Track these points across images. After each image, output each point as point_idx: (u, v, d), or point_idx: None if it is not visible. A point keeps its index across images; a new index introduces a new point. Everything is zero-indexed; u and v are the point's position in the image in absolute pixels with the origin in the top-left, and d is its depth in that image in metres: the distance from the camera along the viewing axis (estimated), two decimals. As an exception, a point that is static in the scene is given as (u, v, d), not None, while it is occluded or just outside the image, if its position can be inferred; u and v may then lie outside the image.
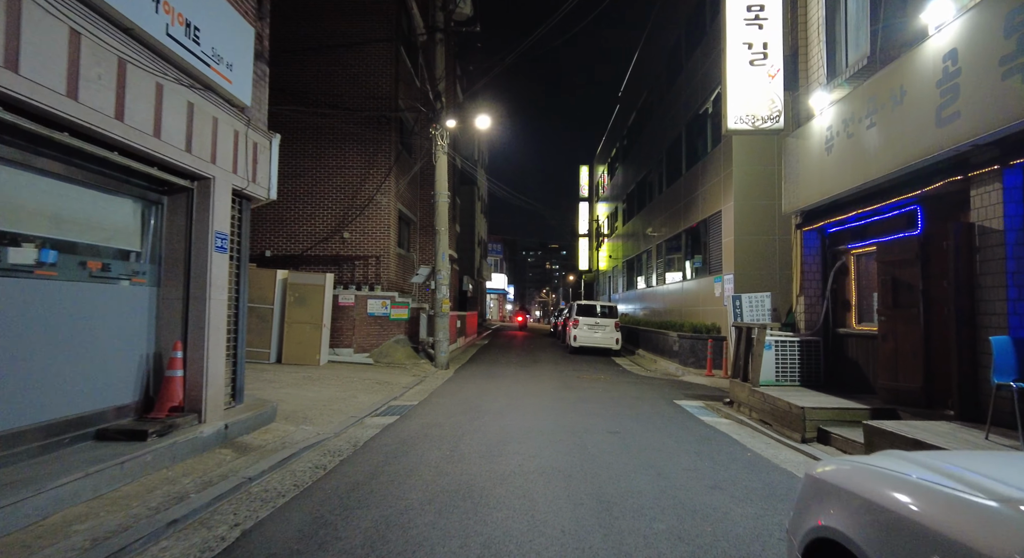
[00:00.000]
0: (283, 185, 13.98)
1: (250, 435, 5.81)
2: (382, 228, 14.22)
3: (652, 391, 10.16)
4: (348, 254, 14.20)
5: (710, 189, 13.84)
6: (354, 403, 8.22)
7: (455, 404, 8.39)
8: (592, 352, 17.74)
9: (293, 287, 12.25)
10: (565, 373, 12.59)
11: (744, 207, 12.22)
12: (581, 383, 10.95)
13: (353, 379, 10.53)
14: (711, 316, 13.54)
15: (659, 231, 19.10)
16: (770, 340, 7.58)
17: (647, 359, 16.09)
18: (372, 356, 13.23)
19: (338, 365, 12.40)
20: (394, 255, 14.76)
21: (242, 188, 5.80)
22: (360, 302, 13.23)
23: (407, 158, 15.42)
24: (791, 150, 7.98)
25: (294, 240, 14.24)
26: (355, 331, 13.14)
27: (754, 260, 12.15)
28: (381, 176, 14.20)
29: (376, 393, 9.26)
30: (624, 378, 12.05)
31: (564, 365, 14.32)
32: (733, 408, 8.07)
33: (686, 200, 15.93)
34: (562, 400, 8.83)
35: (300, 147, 14.25)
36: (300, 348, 12.20)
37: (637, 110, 24.08)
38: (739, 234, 12.21)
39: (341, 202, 14.23)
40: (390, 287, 14.42)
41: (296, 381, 9.86)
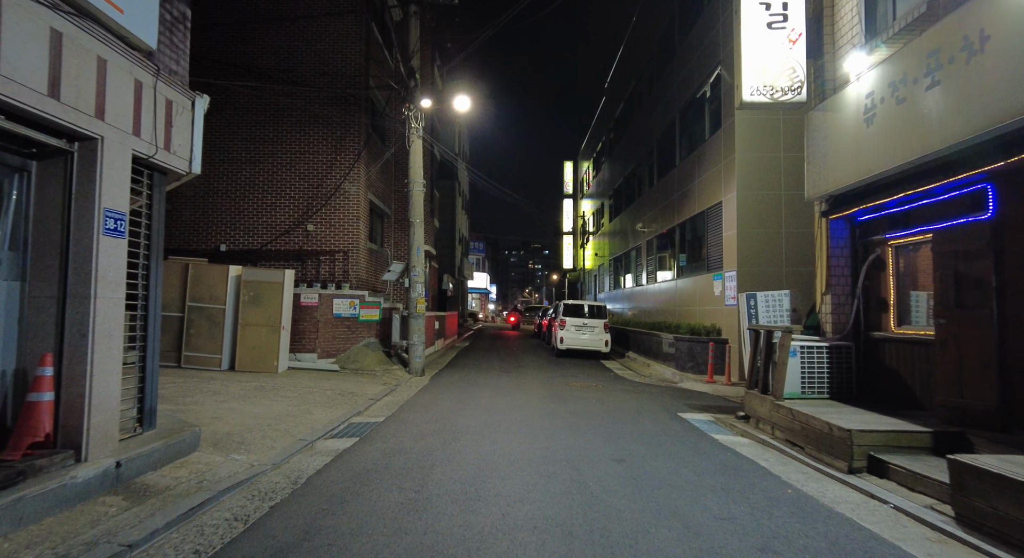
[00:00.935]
0: (240, 172, 12.64)
1: (158, 472, 4.52)
2: (350, 220, 12.90)
3: (652, 402, 9.05)
4: (313, 249, 12.85)
5: (709, 179, 12.81)
6: (307, 421, 6.94)
7: (427, 421, 7.17)
8: (580, 355, 16.63)
9: (247, 285, 10.89)
10: (553, 380, 11.43)
11: (748, 197, 11.19)
12: (572, 392, 9.80)
13: (313, 389, 9.23)
14: (710, 316, 12.51)
15: (650, 226, 18.07)
16: (795, 346, 6.50)
17: (639, 363, 15.02)
18: (338, 362, 11.92)
19: (299, 372, 11.07)
20: (364, 250, 13.45)
21: (148, 155, 4.51)
22: (325, 302, 11.91)
23: (378, 143, 14.12)
24: (816, 126, 6.91)
25: (253, 233, 12.85)
26: (319, 334, 11.81)
27: (759, 256, 11.13)
28: (349, 162, 12.88)
29: (336, 407, 7.99)
30: (618, 385, 10.93)
31: (551, 370, 13.16)
32: (750, 424, 6.98)
33: (680, 192, 14.90)
34: (552, 415, 7.65)
35: (259, 131, 12.87)
36: (255, 353, 10.84)
37: (625, 100, 23.05)
38: (743, 227, 11.17)
39: (305, 191, 12.88)
40: (360, 285, 13.11)
41: (245, 392, 8.53)
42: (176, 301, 10.85)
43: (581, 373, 12.71)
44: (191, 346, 10.75)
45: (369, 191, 13.80)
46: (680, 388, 10.80)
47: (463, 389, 10.02)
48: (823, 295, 7.06)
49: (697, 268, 13.77)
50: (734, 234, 11.30)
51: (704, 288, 12.99)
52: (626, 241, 22.07)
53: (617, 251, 24.02)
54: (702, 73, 13.29)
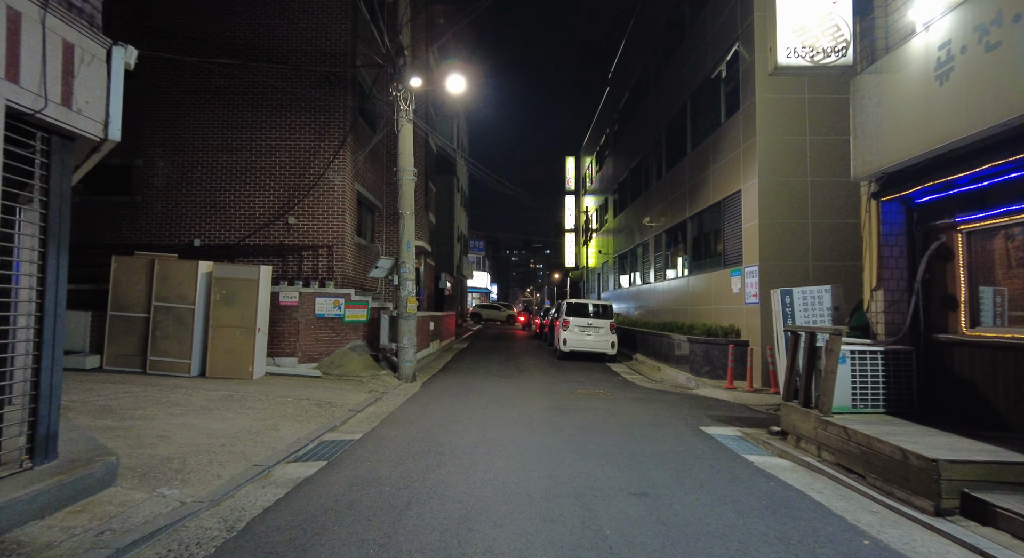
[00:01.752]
0: (216, 161, 11.64)
1: (45, 520, 3.50)
2: (335, 212, 11.88)
3: (668, 412, 8.02)
4: (294, 243, 11.84)
5: (725, 166, 11.77)
6: (270, 439, 5.93)
7: (411, 438, 6.15)
8: (584, 357, 15.60)
9: (219, 283, 9.88)
10: (556, 386, 10.40)
11: (771, 185, 10.15)
12: (577, 401, 8.77)
13: (287, 399, 8.22)
14: (727, 316, 11.47)
15: (658, 221, 17.03)
16: (844, 351, 5.46)
17: (648, 366, 13.98)
18: (321, 367, 10.90)
19: (276, 379, 10.05)
20: (351, 245, 12.43)
21: (35, 110, 3.49)
22: (306, 301, 10.89)
23: (366, 130, 13.10)
24: (866, 92, 5.87)
25: (229, 227, 11.83)
26: (300, 336, 10.80)
27: (784, 249, 10.09)
28: (334, 150, 11.86)
29: (309, 421, 6.97)
30: (628, 392, 9.90)
31: (554, 374, 12.13)
32: (788, 442, 5.94)
33: (692, 183, 13.86)
34: (556, 430, 6.62)
35: (236, 116, 11.85)
36: (228, 358, 9.83)
37: (630, 90, 22.01)
38: (765, 218, 10.13)
39: (286, 182, 11.87)
40: (346, 283, 12.09)
41: (209, 403, 7.52)
42: (141, 301, 9.85)
43: (586, 378, 11.68)
44: (157, 350, 9.74)
45: (356, 181, 12.79)
46: (697, 396, 9.77)
47: (457, 397, 9.00)
48: (873, 291, 6.02)
49: (711, 264, 12.73)
50: (755, 225, 10.26)
51: (720, 285, 11.96)
52: (631, 237, 21.03)
53: (622, 248, 22.99)
54: (717, 51, 12.25)
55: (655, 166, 17.67)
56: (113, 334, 9.84)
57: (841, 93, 9.98)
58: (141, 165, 11.79)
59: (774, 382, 9.67)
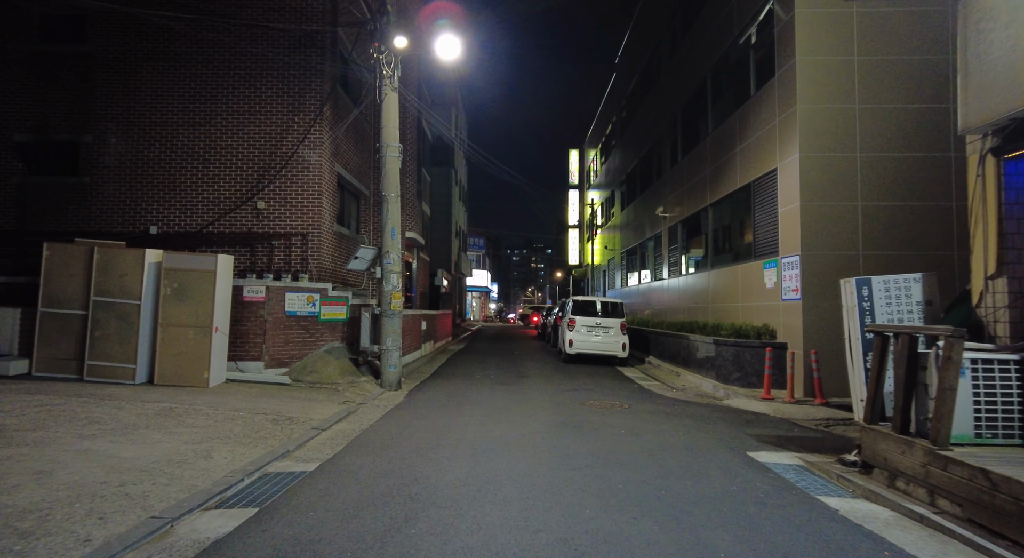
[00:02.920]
0: (176, 138, 10.22)
1: None
2: (310, 195, 10.44)
3: (701, 430, 6.57)
4: (264, 231, 10.40)
5: (756, 144, 10.31)
6: (194, 473, 4.49)
7: (379, 472, 4.70)
8: (592, 360, 14.15)
9: (170, 274, 8.45)
10: (563, 395, 8.94)
11: (815, 161, 8.70)
12: (590, 416, 7.31)
13: (240, 413, 6.78)
14: (759, 314, 10.01)
15: (672, 211, 15.56)
16: (964, 360, 4.00)
17: (665, 371, 12.52)
18: (291, 372, 9.46)
19: (237, 387, 8.62)
20: (329, 234, 10.99)
21: None
22: (274, 296, 9.45)
23: (348, 103, 11.64)
24: (987, 10, 4.41)
25: (191, 212, 10.39)
26: (267, 337, 9.35)
27: (829, 236, 8.64)
28: (309, 123, 10.42)
29: (256, 443, 5.54)
30: (648, 403, 8.44)
31: (560, 381, 10.67)
32: (873, 479, 4.49)
33: (714, 166, 12.40)
34: (567, 459, 5.17)
35: (199, 86, 10.41)
36: (180, 362, 8.40)
37: (640, 71, 20.54)
38: (808, 199, 8.67)
39: (256, 161, 10.43)
40: (323, 277, 10.65)
41: (137, 421, 6.08)
42: (78, 296, 8.43)
43: (597, 385, 10.22)
44: (97, 353, 8.31)
45: (337, 162, 11.34)
46: (729, 408, 8.31)
47: (446, 410, 7.56)
48: (989, 279, 4.56)
49: (738, 256, 11.27)
50: (795, 209, 8.80)
51: (749, 280, 10.49)
52: (641, 231, 19.57)
53: (630, 243, 21.53)
54: (745, 14, 10.79)
55: (669, 151, 16.20)
56: (45, 334, 8.41)
57: (898, 53, 8.52)
58: (90, 142, 10.35)
59: (819, 392, 8.22)
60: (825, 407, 8.09)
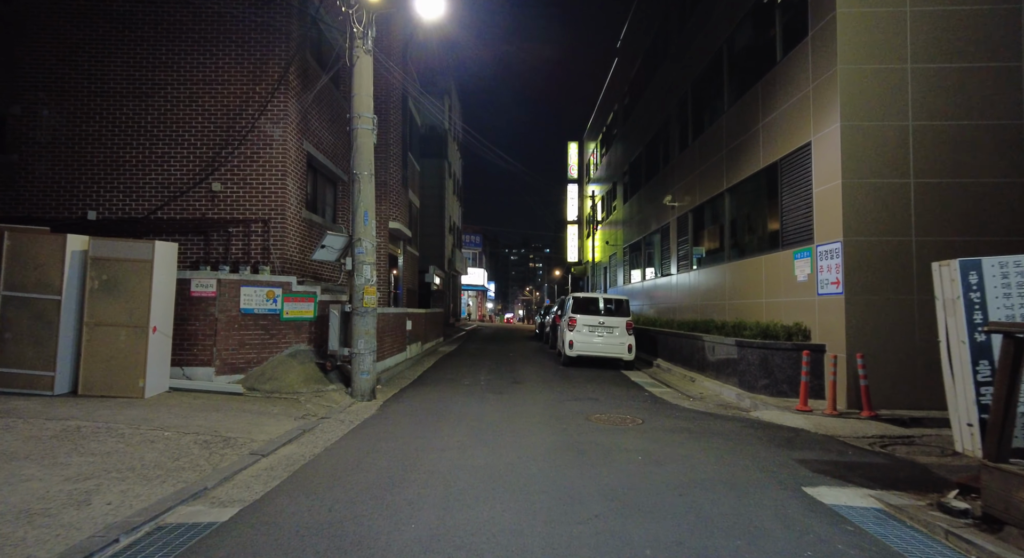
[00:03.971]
0: (120, 110, 8.92)
1: None
2: (273, 176, 9.12)
3: (739, 455, 5.26)
4: (220, 217, 9.07)
5: (784, 116, 9.02)
6: (48, 531, 3.20)
7: (311, 527, 3.40)
8: (595, 363, 12.85)
9: (99, 264, 7.13)
10: (563, 406, 7.64)
11: (859, 131, 7.41)
12: (597, 435, 6.00)
13: (165, 433, 5.47)
14: (788, 312, 8.72)
15: (682, 199, 14.27)
16: None
17: (677, 375, 11.22)
18: (247, 380, 8.14)
19: (180, 397, 7.30)
20: (296, 220, 9.67)
21: None
22: (227, 291, 8.12)
23: (317, 71, 10.29)
24: None
25: (137, 195, 9.07)
26: (218, 339, 8.03)
27: (876, 218, 7.34)
28: (271, 93, 9.10)
29: (165, 479, 4.23)
30: (664, 417, 7.13)
31: (559, 387, 9.36)
32: (1009, 540, 3.19)
33: (733, 146, 11.11)
34: (573, 505, 3.86)
35: (147, 51, 9.09)
36: (111, 368, 7.08)
37: (644, 53, 19.24)
38: (851, 176, 7.38)
39: (212, 137, 9.11)
40: (289, 269, 9.34)
41: (25, 446, 4.77)
42: (-12, 289, 7.09)
43: (602, 393, 8.92)
44: (6, 359, 6.97)
45: (306, 140, 10.02)
46: (759, 421, 7.01)
47: (424, 427, 6.24)
48: None
49: (762, 246, 9.98)
50: (835, 188, 7.51)
51: (776, 272, 9.20)
52: (645, 224, 18.28)
53: (633, 237, 20.23)
54: (770, -29, 9.49)
55: (678, 135, 14.90)
56: (-54, 336, 7.08)
57: (959, 2, 7.22)
58: (19, 114, 9.02)
59: (866, 403, 6.92)
60: (875, 421, 6.80)
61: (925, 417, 6.81)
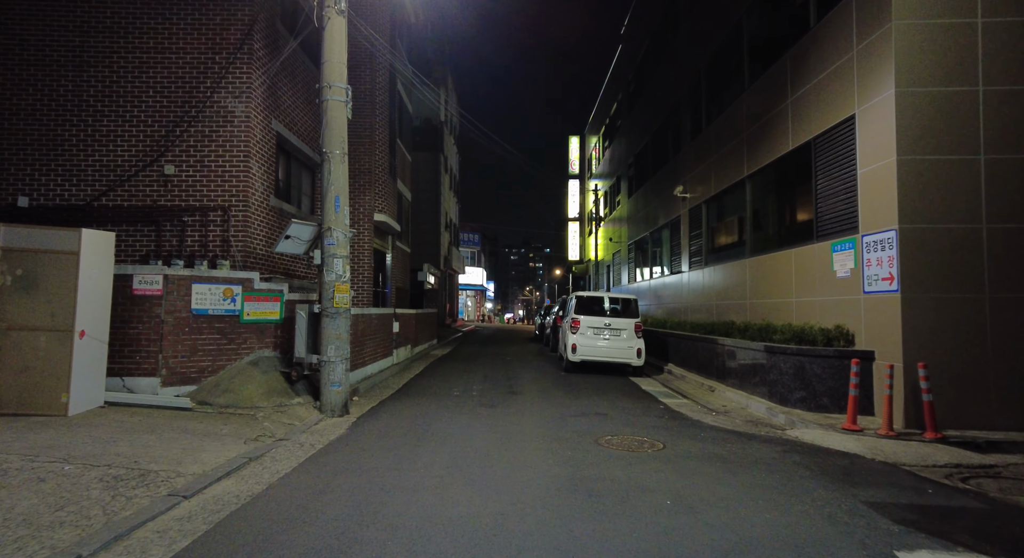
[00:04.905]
0: (59, 82, 7.82)
1: None
2: (235, 157, 7.98)
3: (793, 497, 4.11)
4: (174, 204, 7.94)
5: (820, 89, 7.89)
6: None
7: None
8: (600, 369, 11.71)
9: (10, 256, 6.00)
10: (566, 425, 6.48)
11: (918, 99, 6.27)
12: (610, 466, 4.85)
13: (67, 466, 4.33)
14: (826, 312, 7.58)
15: (694, 190, 13.12)
16: None
17: (692, 383, 10.07)
18: (199, 392, 6.99)
19: (114, 414, 6.16)
20: (262, 209, 8.53)
21: None
22: (176, 289, 6.98)
23: (286, 39, 9.11)
24: None
25: (77, 179, 7.93)
26: (165, 344, 6.88)
27: (941, 202, 6.20)
28: (230, 61, 7.95)
29: (27, 543, 3.07)
30: (688, 438, 5.97)
31: (562, 399, 8.22)
32: None
33: (754, 128, 9.97)
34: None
35: (89, 14, 7.95)
36: (26, 380, 5.95)
37: (652, 35, 18.10)
38: (908, 152, 6.24)
39: (165, 112, 7.97)
40: (253, 263, 8.21)
41: None
42: None
43: (611, 405, 7.77)
44: (-97, 369, 5.84)
45: (276, 118, 8.88)
46: (801, 443, 5.85)
47: (398, 454, 5.09)
48: None
49: (791, 238, 8.84)
50: (889, 166, 6.37)
51: (808, 267, 8.06)
52: (652, 218, 17.13)
53: (639, 233, 19.09)
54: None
55: (689, 121, 13.75)
56: None
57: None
58: (-58, 86, 7.88)
59: (930, 422, 5.78)
60: (943, 445, 5.65)
61: (1004, 440, 5.67)
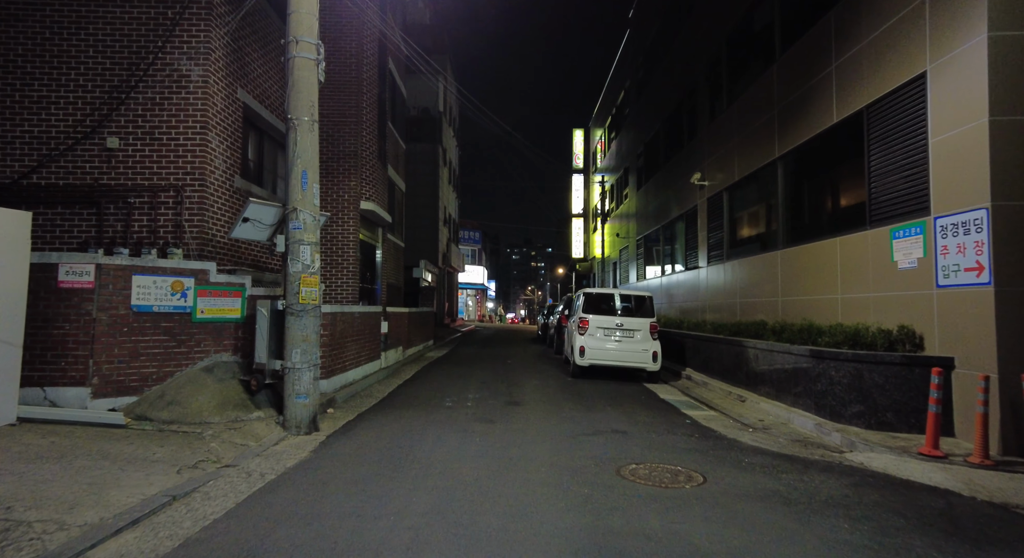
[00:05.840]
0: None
1: None
2: (190, 129, 6.84)
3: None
4: (118, 182, 6.80)
5: (872, 48, 6.72)
6: None
7: None
8: (610, 373, 10.56)
9: None
10: (581, 449, 5.31)
11: (1015, 43, 5.09)
12: (640, 512, 3.67)
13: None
14: (883, 311, 6.41)
15: (713, 177, 11.95)
16: None
17: (716, 391, 8.89)
18: (138, 405, 5.84)
19: (25, 432, 5.02)
20: (223, 189, 7.38)
21: None
22: (112, 281, 5.84)
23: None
24: None
25: (3, 154, 6.80)
26: (98, 347, 5.74)
27: (1043, 173, 5.01)
28: (181, 14, 6.80)
29: None
30: (735, 469, 4.79)
31: (571, 413, 7.05)
32: None
33: (788, 102, 8.81)
34: None
35: (21, -38, 6.81)
36: (-85, 393, 4.80)
37: (663, 14, 16.91)
38: (1007, 110, 5.07)
39: (106, 76, 6.83)
40: (212, 253, 7.06)
41: None
42: None
43: (629, 420, 6.60)
44: None
45: (242, 86, 7.73)
46: (872, 472, 4.68)
47: (365, 490, 3.93)
48: None
49: (836, 224, 7.68)
50: (979, 129, 5.20)
51: (860, 258, 6.89)
52: (665, 210, 15.96)
53: (649, 227, 17.91)
54: None
55: (708, 102, 12.58)
56: None
57: None
58: None
59: (1034, 446, 4.58)
60: (1057, 477, 4.47)
61: None
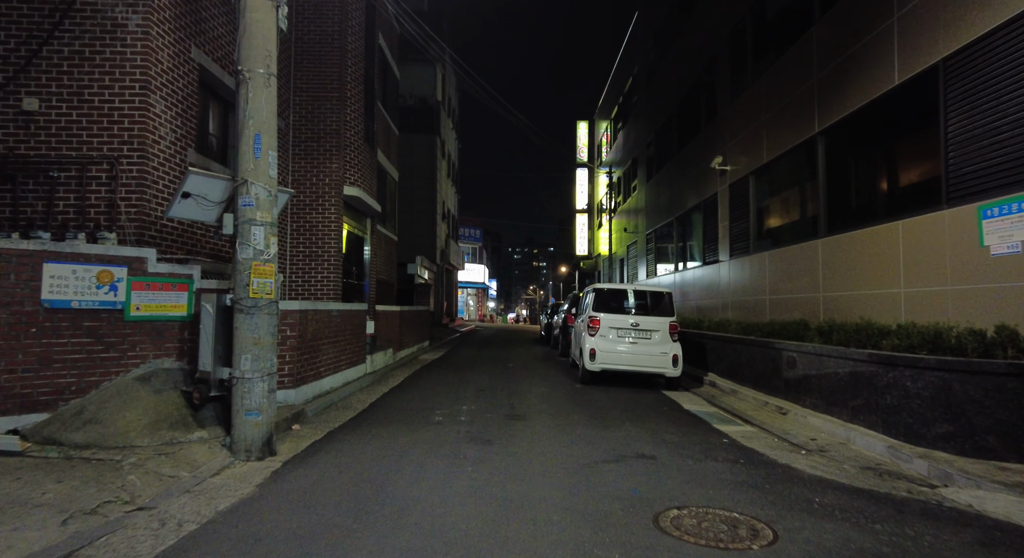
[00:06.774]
0: None
1: None
2: (126, 89, 5.72)
3: None
4: (38, 152, 5.67)
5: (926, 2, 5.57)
6: None
7: None
8: (624, 379, 9.42)
9: None
10: (601, 484, 4.17)
11: None
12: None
13: None
14: (964, 307, 5.27)
15: (736, 161, 10.80)
16: None
17: (748, 401, 7.74)
18: (49, 424, 4.72)
19: None
20: (170, 163, 6.25)
21: None
22: (16, 270, 4.72)
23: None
24: None
25: (-92, 121, 5.68)
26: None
27: None
28: (115, -49, 5.68)
29: None
30: (807, 514, 3.65)
31: (584, 430, 5.91)
32: None
33: (831, 67, 7.68)
34: None
35: None
36: None
37: (677, -9, 15.79)
38: None
39: (21, 23, 5.71)
40: (155, 239, 5.93)
41: None
42: None
43: (655, 439, 5.45)
44: None
45: (198, 46, 6.60)
46: (994, 520, 3.52)
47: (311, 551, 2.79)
48: None
49: (896, 206, 6.54)
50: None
51: (931, 245, 5.75)
52: (679, 200, 14.81)
53: (661, 220, 16.76)
54: None
55: (729, 79, 11.43)
56: None
57: None
58: None
59: None
60: None
61: None
